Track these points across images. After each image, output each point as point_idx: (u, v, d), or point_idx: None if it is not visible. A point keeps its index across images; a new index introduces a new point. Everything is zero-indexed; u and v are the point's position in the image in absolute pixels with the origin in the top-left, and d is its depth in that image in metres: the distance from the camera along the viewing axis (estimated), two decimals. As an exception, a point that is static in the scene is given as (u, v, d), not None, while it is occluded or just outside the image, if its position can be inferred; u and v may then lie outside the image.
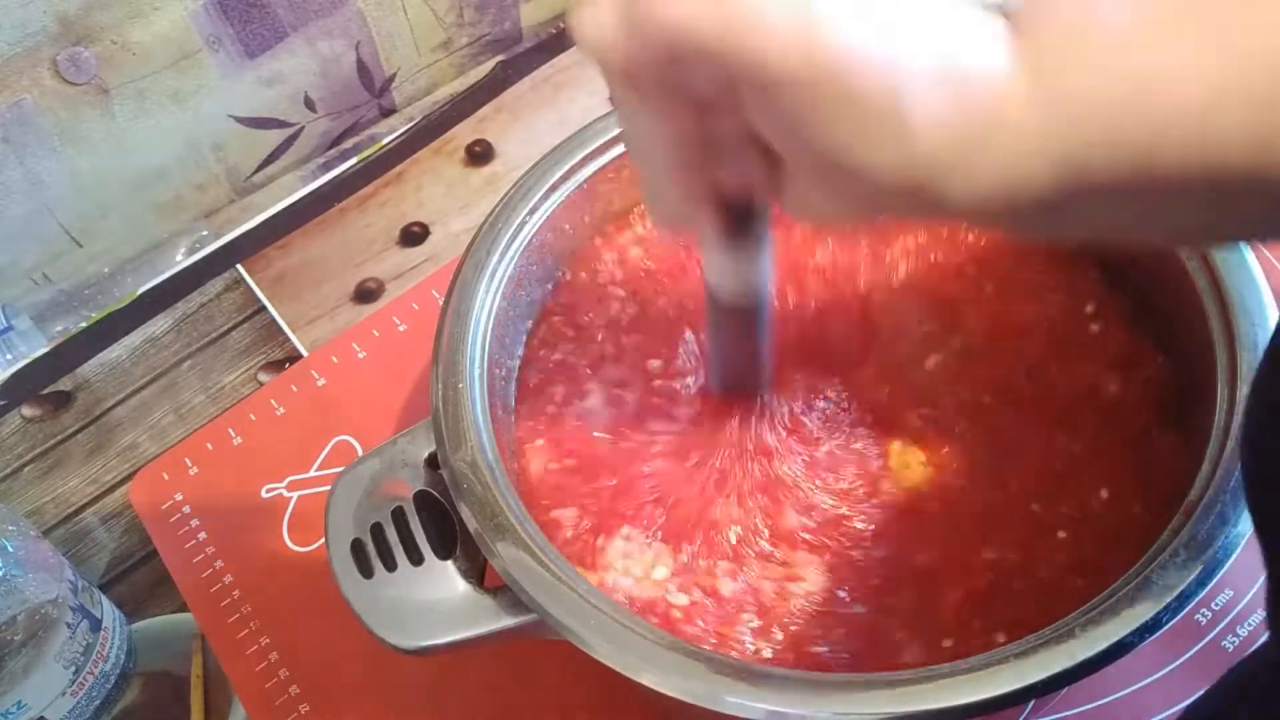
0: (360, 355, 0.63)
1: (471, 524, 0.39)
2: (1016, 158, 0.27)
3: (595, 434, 0.46)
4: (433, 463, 0.42)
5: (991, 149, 0.27)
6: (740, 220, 0.35)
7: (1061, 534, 0.41)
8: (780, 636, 0.40)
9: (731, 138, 0.31)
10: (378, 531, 0.41)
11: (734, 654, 0.40)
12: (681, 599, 0.41)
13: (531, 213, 0.48)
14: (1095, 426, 0.43)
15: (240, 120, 0.70)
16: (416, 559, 0.40)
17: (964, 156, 0.27)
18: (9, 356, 0.66)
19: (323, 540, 0.41)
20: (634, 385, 0.47)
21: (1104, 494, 0.42)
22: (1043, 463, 0.43)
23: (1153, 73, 0.26)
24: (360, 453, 0.58)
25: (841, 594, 0.41)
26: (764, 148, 0.31)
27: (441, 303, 0.45)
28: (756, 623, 0.41)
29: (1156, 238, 0.36)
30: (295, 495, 0.58)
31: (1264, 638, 0.47)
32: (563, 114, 0.72)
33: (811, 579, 0.41)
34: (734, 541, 0.43)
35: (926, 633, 0.40)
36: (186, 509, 0.58)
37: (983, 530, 0.42)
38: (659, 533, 0.43)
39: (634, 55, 0.28)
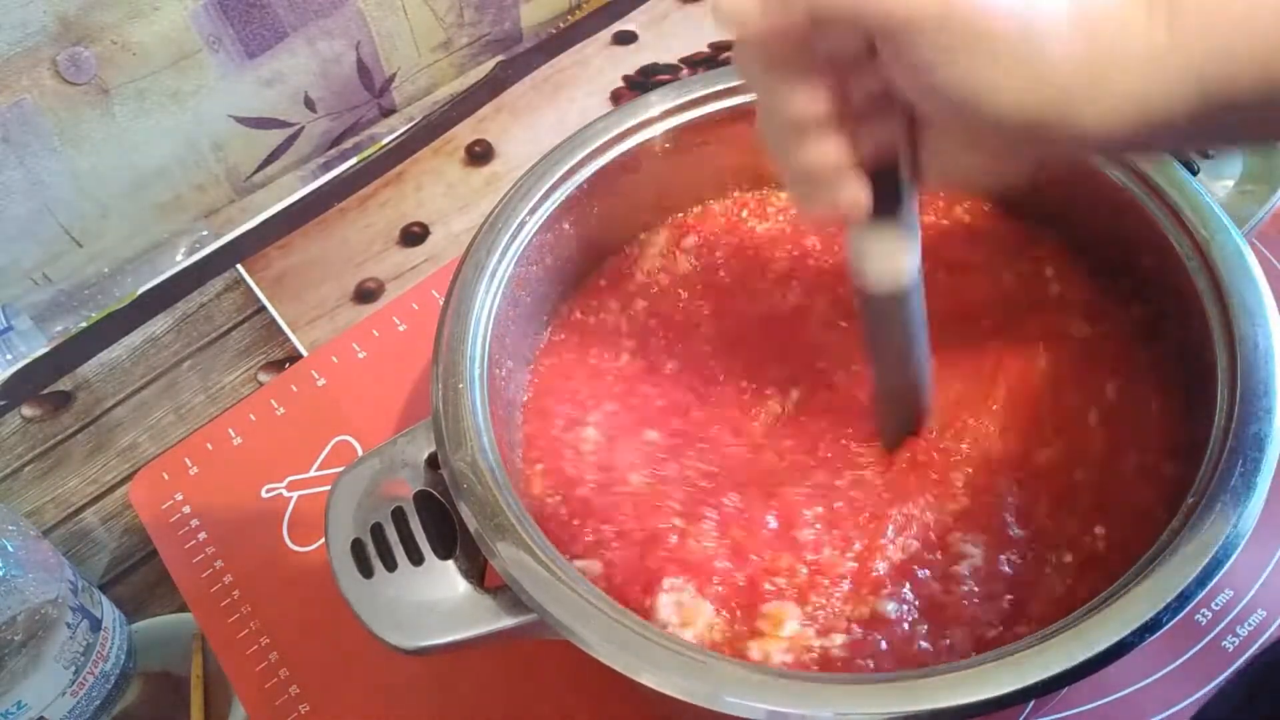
0: (360, 355, 0.63)
1: (471, 524, 0.39)
2: (1154, 84, 0.28)
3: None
4: (433, 463, 0.42)
5: (1123, 79, 0.28)
6: (887, 191, 0.34)
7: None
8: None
9: (871, 102, 0.32)
10: (378, 531, 0.41)
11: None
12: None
13: (531, 213, 0.48)
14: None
15: (240, 120, 0.70)
16: (416, 559, 0.40)
17: (1098, 86, 0.28)
18: (9, 356, 0.66)
19: (323, 540, 0.41)
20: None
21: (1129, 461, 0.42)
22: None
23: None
24: (360, 453, 0.58)
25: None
26: (904, 110, 0.32)
27: (441, 303, 0.45)
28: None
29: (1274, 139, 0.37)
30: (295, 495, 0.58)
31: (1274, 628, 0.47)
32: (563, 114, 0.72)
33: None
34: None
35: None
36: (186, 509, 0.58)
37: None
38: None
39: (775, 23, 0.29)
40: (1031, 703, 0.35)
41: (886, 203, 0.35)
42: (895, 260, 0.37)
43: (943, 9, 0.27)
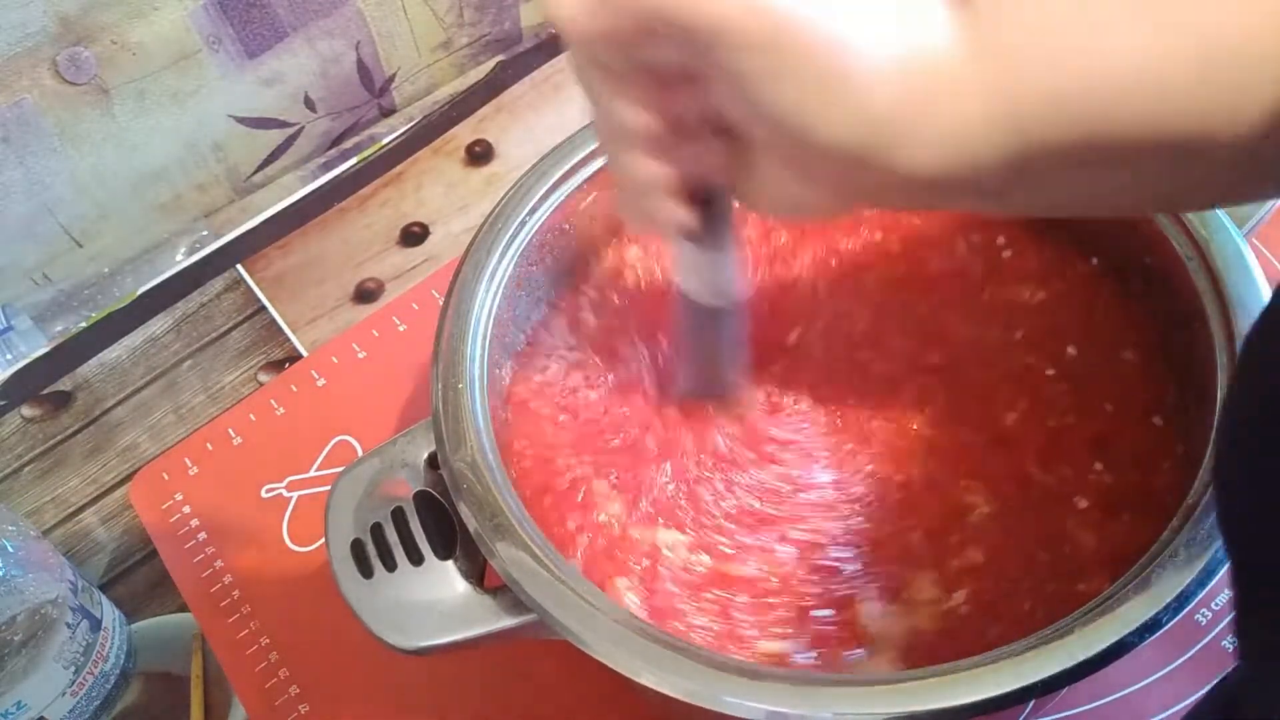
0: (360, 355, 0.63)
1: (471, 524, 0.39)
2: (967, 125, 0.28)
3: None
4: (433, 463, 0.42)
5: (941, 116, 0.28)
6: (709, 213, 0.34)
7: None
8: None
9: (696, 120, 0.31)
10: (378, 531, 0.41)
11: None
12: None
13: (531, 213, 0.48)
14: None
15: (240, 120, 0.70)
16: (416, 559, 0.40)
17: (913, 122, 0.28)
18: (9, 356, 0.66)
19: (323, 540, 0.41)
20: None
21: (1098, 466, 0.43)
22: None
23: (1103, 45, 0.27)
24: (360, 453, 0.58)
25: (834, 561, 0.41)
26: (728, 134, 0.31)
27: (441, 303, 0.45)
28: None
29: (1107, 209, 0.37)
30: (295, 495, 0.58)
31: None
32: (563, 114, 0.72)
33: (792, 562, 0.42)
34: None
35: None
36: (186, 509, 0.58)
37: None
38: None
39: (602, 26, 0.29)
40: (1031, 703, 0.35)
41: (710, 224, 0.35)
42: (711, 277, 0.37)
43: (774, 29, 0.27)
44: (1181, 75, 0.26)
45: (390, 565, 0.40)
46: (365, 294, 0.66)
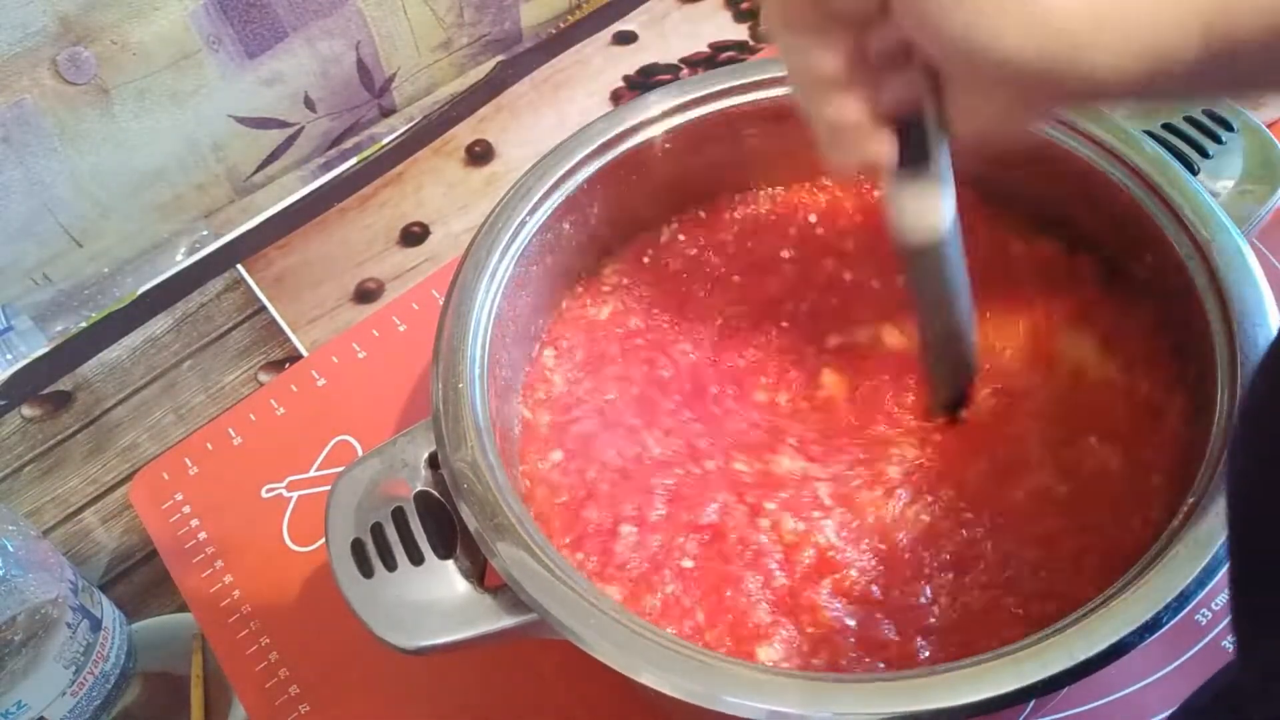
0: (360, 355, 0.63)
1: (471, 524, 0.39)
2: (1156, 26, 0.28)
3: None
4: (433, 463, 0.42)
5: (1127, 20, 0.28)
6: (914, 143, 0.36)
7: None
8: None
9: (891, 56, 0.33)
10: (378, 531, 0.41)
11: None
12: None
13: (531, 213, 0.48)
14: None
15: (240, 120, 0.70)
16: (416, 559, 0.40)
17: (1100, 28, 0.28)
18: (9, 356, 0.66)
19: (323, 540, 0.41)
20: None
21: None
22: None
23: None
24: (360, 453, 0.58)
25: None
26: (924, 63, 0.33)
27: (441, 303, 0.45)
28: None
29: None
30: (295, 495, 0.58)
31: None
32: (563, 114, 0.72)
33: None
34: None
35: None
36: (186, 509, 0.58)
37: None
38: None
39: None
40: (1031, 703, 0.35)
41: (914, 155, 0.36)
42: (927, 212, 0.38)
43: None
44: None
45: (390, 565, 0.40)
46: (365, 294, 0.66)
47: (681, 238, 0.53)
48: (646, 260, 0.53)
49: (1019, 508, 0.42)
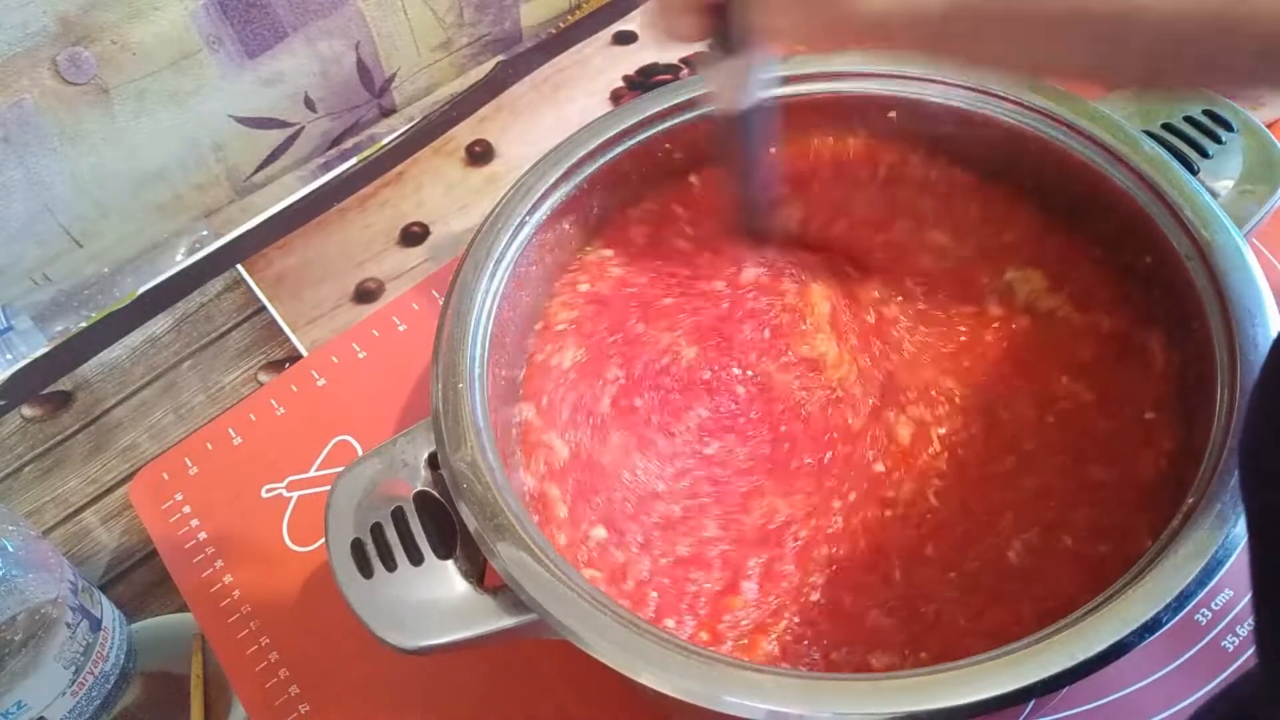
0: (360, 355, 0.63)
1: (471, 524, 0.39)
2: None
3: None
4: (433, 463, 0.42)
5: None
6: (725, 21, 0.40)
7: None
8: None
9: None
10: (378, 531, 0.41)
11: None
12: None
13: (531, 213, 0.48)
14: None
15: (240, 120, 0.70)
16: (416, 559, 0.40)
17: None
18: (9, 356, 0.66)
19: (323, 540, 0.41)
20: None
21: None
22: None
23: None
24: (360, 453, 0.58)
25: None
26: None
27: (441, 303, 0.45)
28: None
29: (1045, 71, 0.43)
30: (295, 495, 0.58)
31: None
32: (563, 114, 0.72)
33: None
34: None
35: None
36: (186, 509, 0.58)
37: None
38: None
39: None
40: (1031, 703, 0.35)
41: (725, 38, 0.41)
42: (730, 88, 0.44)
43: None
44: None
45: (390, 565, 0.40)
46: (365, 294, 0.66)
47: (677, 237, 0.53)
48: (638, 260, 0.53)
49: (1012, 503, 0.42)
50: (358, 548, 0.41)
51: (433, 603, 0.39)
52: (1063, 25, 0.32)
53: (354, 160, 0.72)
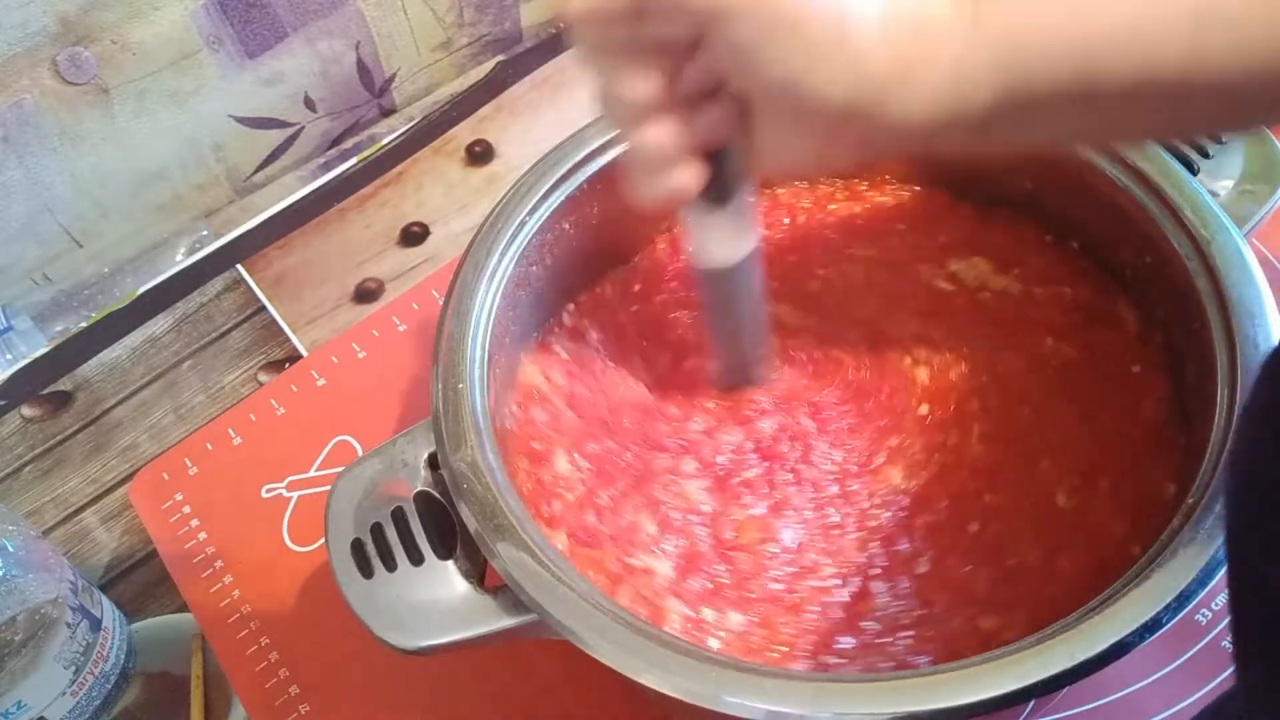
0: (360, 355, 0.63)
1: (471, 524, 0.39)
2: (958, 79, 0.30)
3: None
4: (433, 463, 0.42)
5: (934, 71, 0.30)
6: (720, 177, 0.36)
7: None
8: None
9: (703, 87, 0.33)
10: (378, 531, 0.41)
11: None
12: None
13: (531, 213, 0.48)
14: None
15: (240, 120, 0.70)
16: (416, 559, 0.40)
17: (906, 78, 0.30)
18: (9, 356, 0.66)
19: (323, 540, 0.41)
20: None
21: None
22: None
23: (1097, 6, 0.29)
24: (360, 453, 0.58)
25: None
26: (735, 98, 0.33)
27: (441, 303, 0.45)
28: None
29: (1084, 143, 0.41)
30: (295, 495, 0.58)
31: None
32: (563, 114, 0.72)
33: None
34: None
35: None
36: (186, 509, 0.58)
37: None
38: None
39: (599, 5, 0.31)
40: (1031, 703, 0.35)
41: (717, 188, 0.37)
42: (721, 243, 0.39)
43: (764, 2, 0.29)
44: (1173, 34, 0.28)
45: (390, 565, 0.40)
46: (365, 294, 0.66)
47: (677, 238, 0.53)
48: (644, 260, 0.53)
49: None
50: (358, 548, 0.41)
51: (433, 603, 0.39)
52: (1128, 95, 0.30)
53: (354, 160, 0.72)
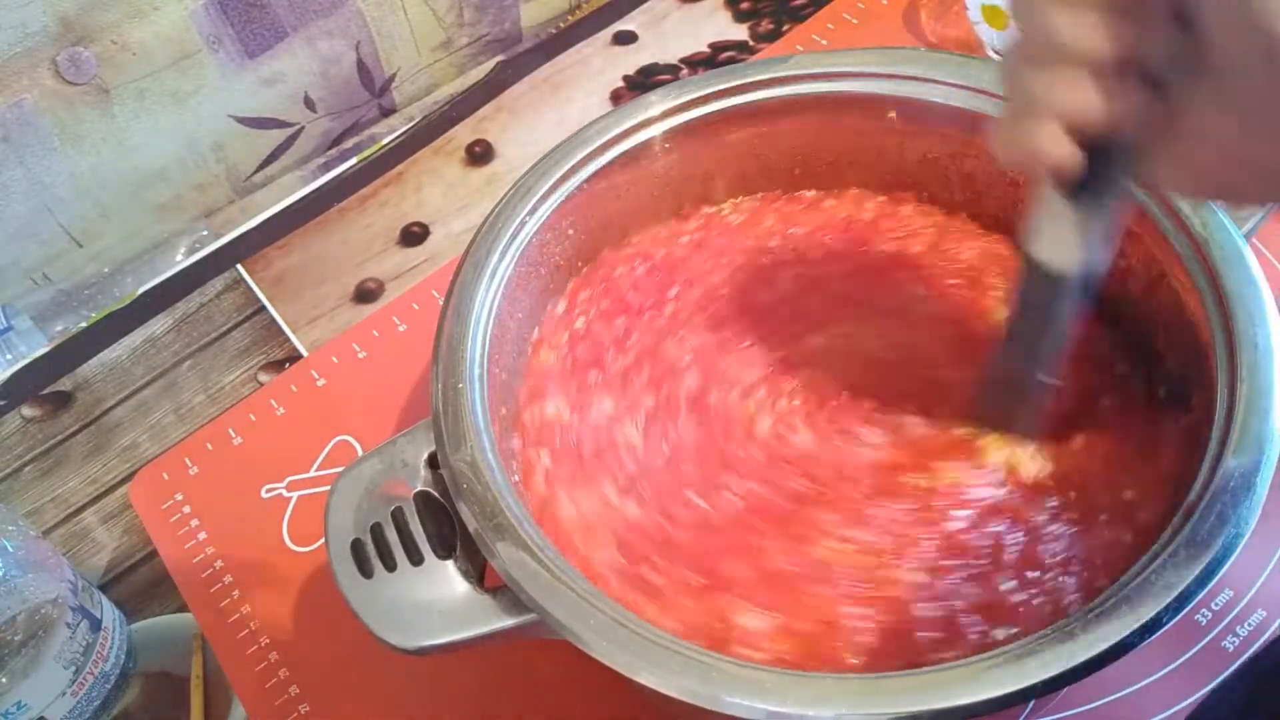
0: (360, 355, 0.63)
1: (471, 524, 0.39)
2: None
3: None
4: (433, 463, 0.42)
5: None
6: (1095, 166, 0.31)
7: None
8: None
9: (1139, 62, 0.28)
10: (378, 531, 0.41)
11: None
12: None
13: (531, 213, 0.48)
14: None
15: (240, 120, 0.70)
16: (416, 559, 0.40)
17: None
18: (9, 356, 0.66)
19: (323, 540, 0.41)
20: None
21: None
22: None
23: None
24: (360, 453, 0.58)
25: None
26: (1163, 90, 0.28)
27: (441, 303, 0.45)
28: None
29: None
30: (295, 495, 0.58)
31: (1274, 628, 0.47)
32: (563, 114, 0.72)
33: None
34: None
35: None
36: (186, 509, 0.58)
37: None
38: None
39: None
40: (1031, 703, 0.35)
41: (1089, 184, 0.32)
42: (1063, 246, 0.34)
43: None
44: None
45: (390, 565, 0.40)
46: (365, 294, 0.66)
47: (684, 241, 0.53)
48: (643, 260, 0.53)
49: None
50: (358, 548, 0.41)
51: (433, 603, 0.39)
52: None
53: (354, 160, 0.72)
